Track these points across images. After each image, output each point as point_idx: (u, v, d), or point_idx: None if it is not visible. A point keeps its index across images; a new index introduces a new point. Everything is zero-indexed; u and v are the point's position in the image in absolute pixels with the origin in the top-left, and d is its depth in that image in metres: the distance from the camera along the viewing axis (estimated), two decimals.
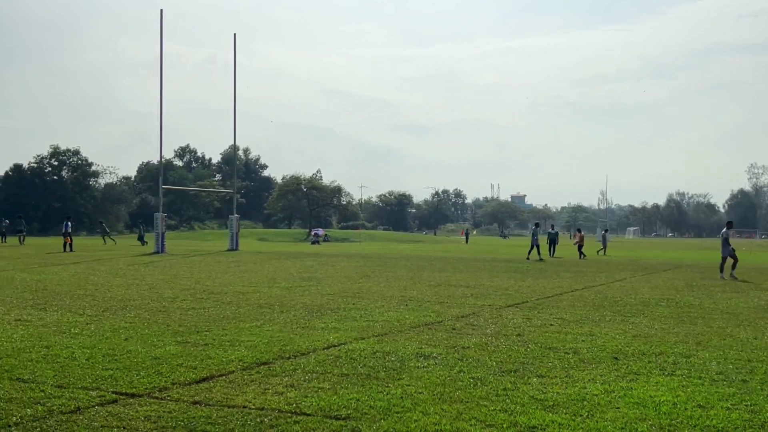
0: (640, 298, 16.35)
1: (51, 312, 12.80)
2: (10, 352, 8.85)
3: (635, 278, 22.89)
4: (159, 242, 36.92)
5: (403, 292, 17.04)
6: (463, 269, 26.25)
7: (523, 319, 12.54)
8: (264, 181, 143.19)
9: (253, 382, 7.52)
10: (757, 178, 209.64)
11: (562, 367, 8.37)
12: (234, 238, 41.76)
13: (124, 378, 7.57)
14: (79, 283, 18.71)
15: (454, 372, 8.00)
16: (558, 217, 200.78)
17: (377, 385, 7.40)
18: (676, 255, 45.16)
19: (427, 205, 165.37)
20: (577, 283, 20.71)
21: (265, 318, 12.27)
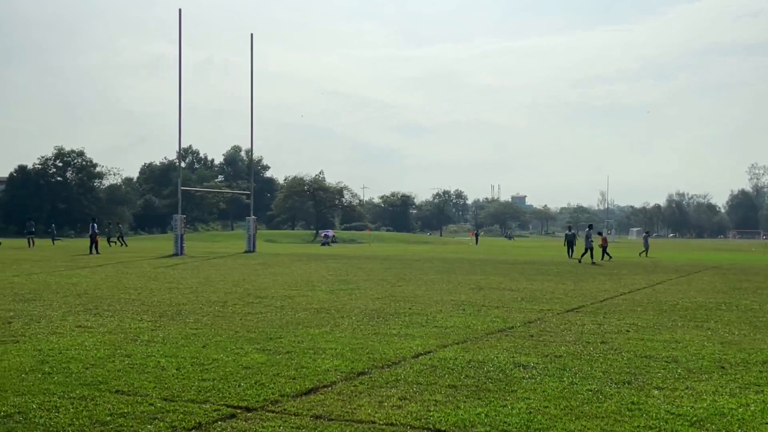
0: (695, 302, 16.04)
1: (108, 318, 12.46)
2: (93, 362, 8.52)
3: (673, 281, 22.58)
4: (178, 244, 36.60)
5: (451, 296, 16.73)
6: (493, 271, 25.93)
7: (594, 324, 12.23)
8: (267, 182, 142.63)
9: (361, 393, 7.20)
10: (758, 179, 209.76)
11: (673, 377, 8.06)
12: (251, 240, 41.45)
13: (227, 389, 7.25)
14: (116, 286, 18.37)
15: (565, 383, 7.68)
16: (559, 217, 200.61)
17: (494, 398, 7.08)
18: (693, 256, 44.83)
19: (429, 206, 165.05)
20: (619, 286, 20.39)
21: (329, 323, 11.95)
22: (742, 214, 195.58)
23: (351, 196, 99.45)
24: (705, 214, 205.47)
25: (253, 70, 42.98)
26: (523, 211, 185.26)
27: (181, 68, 38.22)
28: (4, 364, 8.31)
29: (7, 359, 8.61)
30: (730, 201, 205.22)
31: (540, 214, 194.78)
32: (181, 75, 38.27)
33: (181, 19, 38.20)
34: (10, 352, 9.08)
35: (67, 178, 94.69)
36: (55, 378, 7.65)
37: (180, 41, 38.25)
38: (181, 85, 38.15)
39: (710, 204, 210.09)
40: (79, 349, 9.32)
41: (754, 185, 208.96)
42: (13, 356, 8.81)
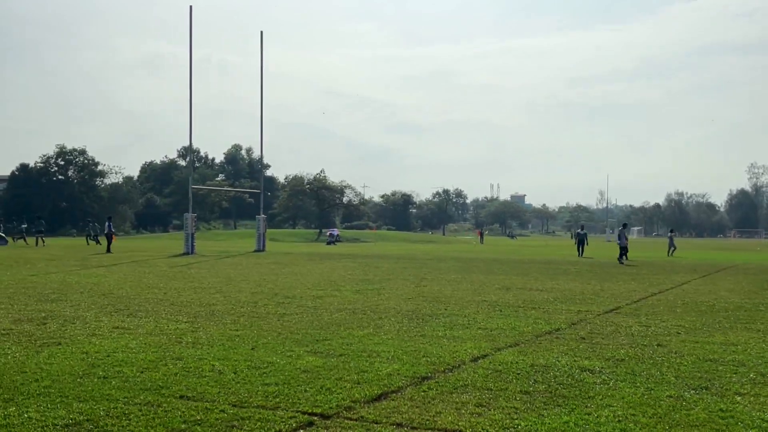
0: (732, 303, 15.79)
1: (142, 318, 12.18)
2: (145, 365, 8.24)
3: (697, 281, 22.32)
4: (189, 243, 36.29)
5: (480, 296, 16.47)
6: (512, 271, 25.67)
7: (640, 326, 11.96)
8: (268, 180, 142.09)
9: (434, 399, 6.93)
10: (758, 178, 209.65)
11: (749, 382, 7.80)
12: (261, 239, 41.13)
13: (294, 395, 6.97)
14: (139, 286, 18.08)
15: (641, 389, 7.40)
16: (559, 216, 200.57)
17: (574, 405, 6.81)
18: (703, 256, 44.59)
19: (429, 205, 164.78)
20: (645, 286, 20.12)
21: (370, 325, 11.68)
22: (741, 213, 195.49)
23: (355, 195, 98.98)
24: (705, 214, 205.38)
25: (262, 69, 42.81)
26: (524, 210, 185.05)
27: (191, 66, 37.96)
28: (55, 368, 8.02)
29: (56, 362, 8.32)
30: (730, 200, 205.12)
31: (540, 213, 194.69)
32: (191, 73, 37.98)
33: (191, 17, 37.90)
34: (56, 355, 8.80)
35: (69, 177, 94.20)
36: (113, 383, 7.36)
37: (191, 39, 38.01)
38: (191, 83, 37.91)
39: (709, 203, 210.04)
40: (126, 352, 9.04)
41: (753, 184, 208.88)
42: (61, 359, 8.52)
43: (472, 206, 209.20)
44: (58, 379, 7.48)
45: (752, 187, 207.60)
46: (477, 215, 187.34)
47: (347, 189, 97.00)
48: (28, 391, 6.98)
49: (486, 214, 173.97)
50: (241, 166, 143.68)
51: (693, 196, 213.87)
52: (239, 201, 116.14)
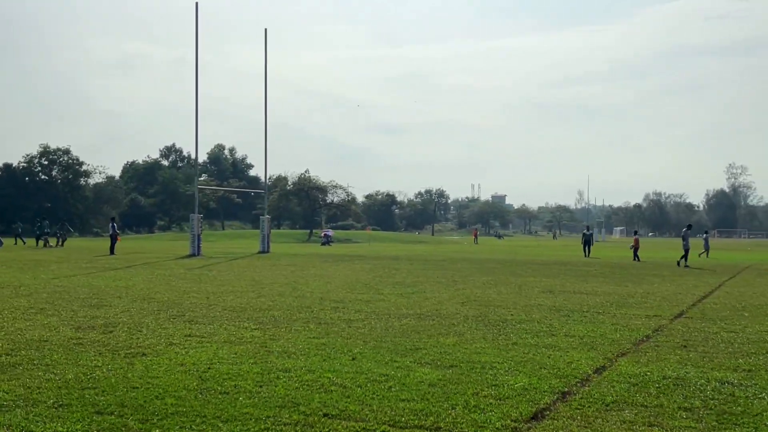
0: None
1: (206, 325, 11.58)
2: (257, 378, 7.66)
3: (731, 282, 22.01)
4: (195, 244, 35.52)
5: (533, 300, 16.03)
6: (536, 273, 25.25)
7: (727, 333, 11.55)
8: (252, 180, 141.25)
9: (596, 418, 6.45)
10: (735, 178, 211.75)
11: None
12: (266, 240, 40.40)
13: (443, 413, 6.45)
14: (173, 290, 17.45)
15: None
16: (540, 216, 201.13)
17: (747, 422, 6.35)
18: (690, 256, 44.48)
19: (413, 205, 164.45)
20: (682, 288, 19.73)
21: (449, 332, 11.17)
22: (720, 213, 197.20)
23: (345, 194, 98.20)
24: (684, 214, 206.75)
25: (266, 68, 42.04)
26: (506, 211, 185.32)
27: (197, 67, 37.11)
28: (164, 382, 7.44)
29: (161, 376, 7.73)
30: (709, 200, 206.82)
31: (522, 213, 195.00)
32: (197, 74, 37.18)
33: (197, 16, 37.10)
34: (153, 367, 8.20)
35: (53, 177, 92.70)
36: (241, 399, 6.80)
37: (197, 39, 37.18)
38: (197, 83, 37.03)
39: (689, 203, 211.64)
40: (223, 363, 8.46)
41: (732, 184, 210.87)
42: (162, 372, 7.93)
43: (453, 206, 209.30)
44: (178, 396, 6.90)
45: (730, 187, 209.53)
46: (460, 215, 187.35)
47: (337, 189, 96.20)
48: (157, 411, 6.40)
49: (469, 214, 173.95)
50: (225, 166, 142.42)
51: (671, 197, 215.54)
52: (226, 202, 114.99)
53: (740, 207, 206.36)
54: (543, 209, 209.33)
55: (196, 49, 37.11)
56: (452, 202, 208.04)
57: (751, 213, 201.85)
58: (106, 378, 7.61)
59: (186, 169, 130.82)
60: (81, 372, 7.88)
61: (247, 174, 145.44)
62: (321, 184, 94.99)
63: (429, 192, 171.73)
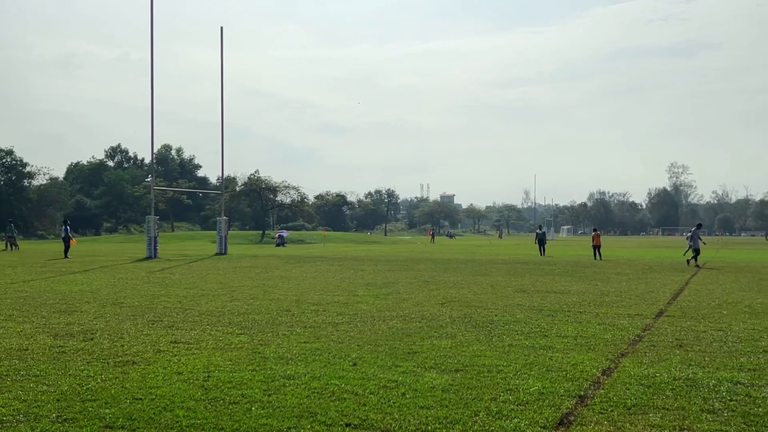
0: (763, 303, 15.59)
1: (188, 330, 11.20)
2: (264, 387, 7.34)
3: (697, 279, 22.25)
4: (151, 247, 34.71)
5: (512, 300, 15.93)
6: (501, 272, 25.23)
7: (715, 331, 11.57)
8: (201, 181, 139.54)
9: (623, 423, 6.30)
10: (677, 177, 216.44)
11: None
12: (223, 242, 39.70)
13: (468, 420, 6.24)
14: (141, 294, 16.94)
15: None
16: (488, 216, 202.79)
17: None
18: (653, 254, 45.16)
19: (364, 206, 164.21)
20: (652, 286, 19.86)
21: (440, 334, 10.97)
22: (663, 211, 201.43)
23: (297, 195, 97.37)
24: (628, 212, 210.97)
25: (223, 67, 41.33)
26: (456, 210, 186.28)
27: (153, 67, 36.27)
28: (165, 392, 7.09)
29: (161, 386, 7.36)
30: (651, 199, 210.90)
31: (471, 213, 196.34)
32: (153, 74, 36.36)
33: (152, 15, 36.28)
34: (149, 377, 7.82)
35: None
36: (254, 410, 6.49)
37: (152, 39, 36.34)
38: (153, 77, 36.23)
39: (633, 202, 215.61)
40: (222, 371, 8.12)
41: (673, 183, 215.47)
42: (161, 381, 7.57)
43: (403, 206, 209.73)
44: (188, 407, 6.56)
45: (672, 186, 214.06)
46: (410, 215, 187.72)
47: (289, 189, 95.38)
48: (170, 424, 6.06)
49: (420, 214, 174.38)
50: (173, 167, 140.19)
51: (615, 195, 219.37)
52: (175, 203, 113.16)
53: (682, 205, 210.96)
54: (491, 208, 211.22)
55: (152, 50, 36.35)
56: (402, 202, 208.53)
57: (692, 211, 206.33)
58: (104, 389, 7.21)
59: (132, 170, 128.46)
60: (75, 383, 7.47)
61: (195, 175, 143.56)
62: (273, 185, 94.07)
63: (379, 192, 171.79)
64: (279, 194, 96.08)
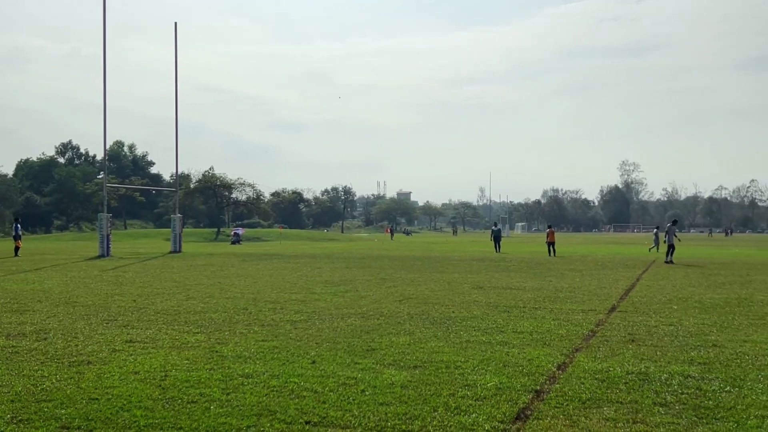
0: (711, 298, 15.92)
1: (144, 330, 11.09)
2: (223, 386, 7.32)
3: (646, 276, 22.68)
4: (104, 245, 34.21)
5: (468, 297, 16.08)
6: (458, 269, 25.43)
7: (666, 326, 11.81)
8: (154, 178, 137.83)
9: (579, 416, 6.41)
10: (628, 175, 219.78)
11: None
12: (177, 239, 39.30)
13: (429, 416, 6.29)
14: (94, 293, 16.73)
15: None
16: (445, 213, 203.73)
17: (727, 417, 6.44)
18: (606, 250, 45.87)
19: (321, 203, 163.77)
20: (604, 282, 20.20)
21: (400, 331, 11.02)
22: (615, 208, 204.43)
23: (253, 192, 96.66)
24: (581, 209, 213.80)
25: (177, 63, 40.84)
26: (413, 208, 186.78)
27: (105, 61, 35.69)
28: (122, 392, 7.03)
29: (119, 386, 7.29)
30: (603, 196, 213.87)
31: (427, 210, 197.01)
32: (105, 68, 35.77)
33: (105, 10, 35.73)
34: (105, 377, 7.74)
35: None
36: (213, 409, 6.47)
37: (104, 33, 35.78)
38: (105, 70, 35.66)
39: (585, 199, 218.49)
40: (179, 371, 8.06)
41: (625, 181, 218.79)
42: (117, 381, 7.50)
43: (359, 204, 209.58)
44: (145, 407, 6.51)
45: (623, 183, 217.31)
46: (367, 213, 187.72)
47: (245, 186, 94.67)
48: (128, 424, 6.02)
49: (377, 211, 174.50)
50: (125, 164, 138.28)
51: (567, 193, 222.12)
52: (128, 200, 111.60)
53: (633, 202, 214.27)
54: (447, 206, 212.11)
55: (104, 45, 35.82)
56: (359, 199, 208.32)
57: (643, 208, 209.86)
58: (59, 389, 7.12)
59: (84, 166, 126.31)
60: (29, 383, 7.37)
61: (148, 172, 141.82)
62: (228, 182, 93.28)
63: (336, 189, 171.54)
64: (234, 191, 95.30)
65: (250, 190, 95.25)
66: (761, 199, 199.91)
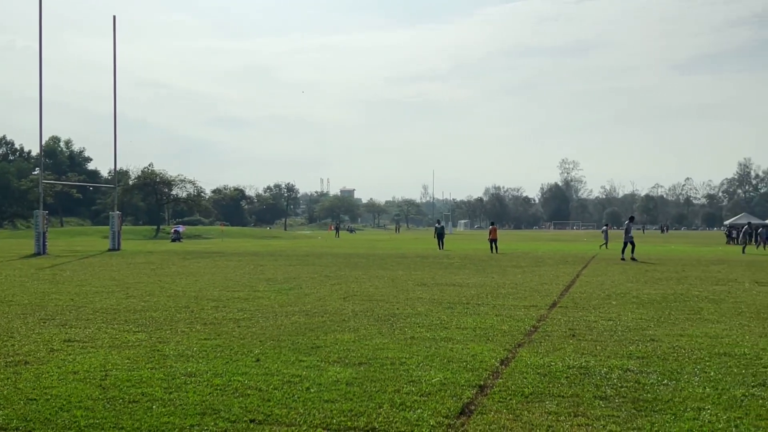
0: (648, 294, 16.27)
1: (83, 329, 10.88)
2: (165, 385, 7.22)
3: (586, 271, 23.09)
4: (40, 243, 33.41)
5: (413, 294, 16.15)
6: (402, 266, 25.55)
7: (605, 321, 12.03)
8: (91, 174, 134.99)
9: (522, 410, 6.48)
10: (568, 173, 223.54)
11: None
12: (116, 237, 38.61)
13: (375, 413, 6.30)
14: (29, 292, 16.36)
15: (708, 389, 7.27)
16: (388, 210, 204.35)
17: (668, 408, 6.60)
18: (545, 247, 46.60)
19: (263, 200, 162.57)
20: (546, 278, 20.52)
21: (345, 329, 11.03)
22: (555, 206, 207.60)
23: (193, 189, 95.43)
24: (522, 207, 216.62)
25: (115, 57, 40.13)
26: (356, 205, 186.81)
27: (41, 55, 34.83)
28: (61, 392, 6.88)
29: (58, 386, 7.13)
30: (544, 194, 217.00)
31: (371, 207, 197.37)
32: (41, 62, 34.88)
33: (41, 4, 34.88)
34: (43, 377, 7.57)
35: None
36: (156, 408, 6.37)
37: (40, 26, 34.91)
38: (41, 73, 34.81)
39: (526, 197, 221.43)
40: (120, 370, 7.93)
41: (564, 179, 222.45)
42: (58, 382, 7.33)
43: (302, 201, 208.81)
44: (85, 407, 6.39)
45: (563, 181, 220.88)
46: (311, 210, 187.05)
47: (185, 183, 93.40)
48: (67, 425, 5.89)
49: (320, 209, 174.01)
50: (62, 159, 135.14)
51: (509, 190, 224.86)
52: (64, 197, 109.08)
53: (572, 200, 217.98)
54: (390, 203, 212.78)
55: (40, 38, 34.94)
56: (302, 196, 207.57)
57: (582, 205, 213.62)
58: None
59: (19, 162, 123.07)
60: None
61: (85, 168, 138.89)
62: (168, 178, 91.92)
63: (278, 186, 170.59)
64: (174, 188, 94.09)
65: (190, 186, 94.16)
66: (695, 197, 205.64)
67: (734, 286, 18.20)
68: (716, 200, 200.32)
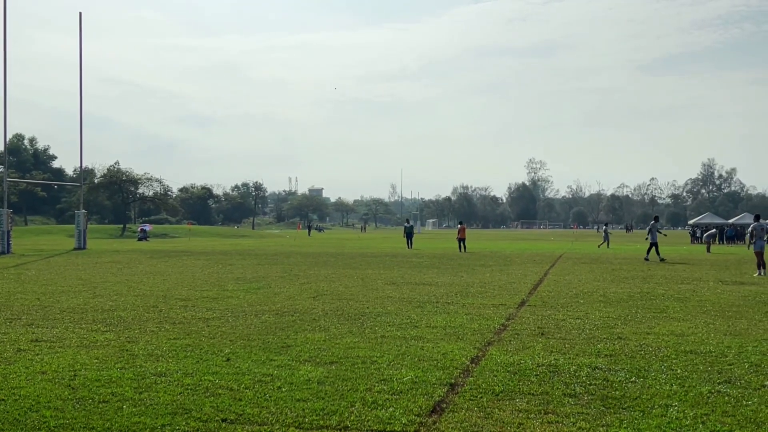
0: (615, 293, 16.45)
1: (50, 329, 10.78)
2: (135, 384, 7.17)
3: (554, 270, 23.31)
4: (5, 242, 32.92)
5: (383, 293, 16.19)
6: (372, 265, 25.59)
7: (573, 319, 12.16)
8: (56, 173, 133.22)
9: (493, 408, 6.53)
10: (535, 173, 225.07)
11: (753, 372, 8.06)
12: (82, 236, 38.16)
13: (344, 412, 6.31)
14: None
15: (675, 386, 7.39)
16: (357, 209, 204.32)
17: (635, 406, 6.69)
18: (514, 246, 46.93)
19: (231, 199, 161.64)
20: (513, 277, 20.67)
21: (315, 328, 11.03)
22: (522, 205, 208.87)
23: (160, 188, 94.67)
24: (490, 206, 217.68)
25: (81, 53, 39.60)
26: (325, 204, 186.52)
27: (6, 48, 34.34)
28: (29, 392, 6.81)
29: (27, 386, 7.05)
30: (511, 193, 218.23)
31: (339, 206, 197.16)
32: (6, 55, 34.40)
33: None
34: (11, 377, 7.49)
35: None
36: (126, 408, 6.33)
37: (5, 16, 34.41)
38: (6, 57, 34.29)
39: (494, 196, 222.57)
40: (89, 370, 7.86)
41: (532, 178, 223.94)
42: (26, 382, 7.25)
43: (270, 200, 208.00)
44: (55, 407, 6.33)
45: (530, 181, 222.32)
46: (279, 209, 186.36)
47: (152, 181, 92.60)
48: (37, 425, 5.83)
49: (289, 207, 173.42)
50: (26, 157, 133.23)
51: (477, 190, 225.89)
52: (28, 195, 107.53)
53: (539, 199, 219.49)
54: (359, 202, 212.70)
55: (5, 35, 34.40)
56: (270, 195, 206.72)
57: (549, 205, 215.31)
58: None
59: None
60: None
61: (50, 166, 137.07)
62: (134, 177, 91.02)
63: (246, 185, 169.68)
64: (141, 187, 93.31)
65: (157, 185, 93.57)
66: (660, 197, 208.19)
67: (699, 285, 18.46)
68: (680, 200, 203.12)
